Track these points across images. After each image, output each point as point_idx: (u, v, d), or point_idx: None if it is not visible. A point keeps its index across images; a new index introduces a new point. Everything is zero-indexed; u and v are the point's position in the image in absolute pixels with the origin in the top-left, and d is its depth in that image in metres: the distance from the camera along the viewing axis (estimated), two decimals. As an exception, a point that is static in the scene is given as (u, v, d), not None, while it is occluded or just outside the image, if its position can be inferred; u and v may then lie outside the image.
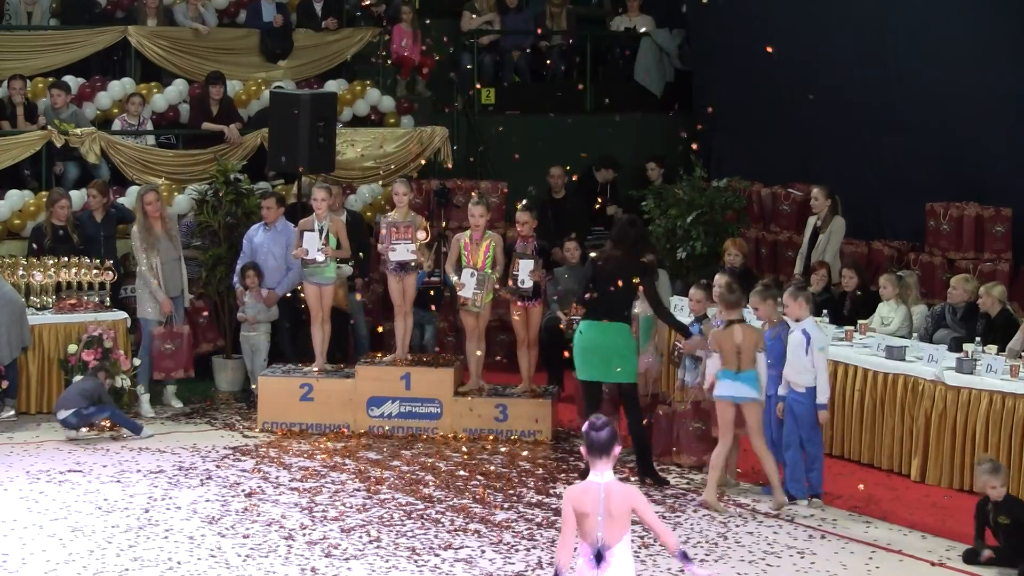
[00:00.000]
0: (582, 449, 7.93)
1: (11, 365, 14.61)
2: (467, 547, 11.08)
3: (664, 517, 11.91)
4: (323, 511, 11.92)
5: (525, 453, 13.82)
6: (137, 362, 15.27)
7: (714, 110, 19.77)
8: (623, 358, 12.79)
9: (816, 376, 12.17)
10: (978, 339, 13.21)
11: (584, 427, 7.79)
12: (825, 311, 14.54)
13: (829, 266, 15.74)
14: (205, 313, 16.32)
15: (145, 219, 15.19)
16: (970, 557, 10.91)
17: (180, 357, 15.27)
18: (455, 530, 11.47)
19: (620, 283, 12.63)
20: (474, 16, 20.85)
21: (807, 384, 12.17)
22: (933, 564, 10.96)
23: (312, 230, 14.70)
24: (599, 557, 7.68)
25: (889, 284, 14.69)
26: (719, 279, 12.98)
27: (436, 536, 11.32)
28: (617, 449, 7.72)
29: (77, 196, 17.04)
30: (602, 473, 7.65)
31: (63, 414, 14.10)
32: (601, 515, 7.64)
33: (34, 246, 16.02)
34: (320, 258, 14.68)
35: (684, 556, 7.82)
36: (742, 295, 12.45)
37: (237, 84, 19.02)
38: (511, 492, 12.53)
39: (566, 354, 14.79)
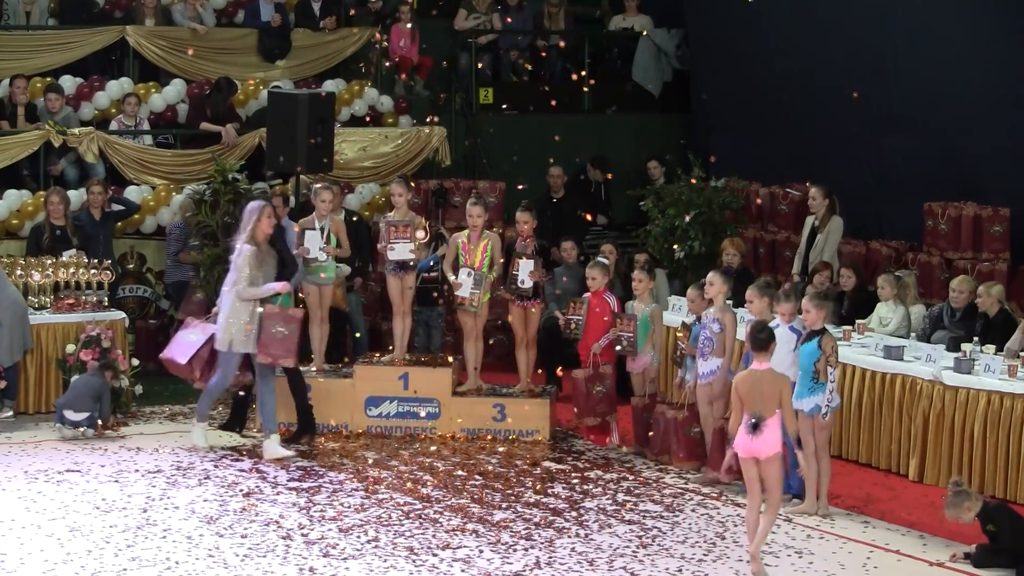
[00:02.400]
0: (747, 345, 10.86)
1: (11, 366, 14.59)
2: (465, 547, 11.08)
3: (662, 517, 11.93)
4: (321, 511, 11.92)
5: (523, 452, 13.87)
6: (136, 362, 15.25)
7: (706, 104, 19.79)
8: None
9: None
10: (976, 339, 13.21)
11: (748, 330, 10.95)
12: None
13: (831, 267, 15.73)
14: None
15: (258, 232, 13.63)
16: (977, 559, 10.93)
17: (290, 344, 13.58)
18: (453, 530, 11.47)
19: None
20: (469, 16, 20.85)
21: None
22: (931, 564, 10.96)
23: (313, 229, 14.72)
24: (755, 426, 10.36)
25: (888, 284, 14.69)
26: (712, 277, 12.96)
27: (434, 536, 11.32)
28: (773, 346, 10.63)
29: (76, 196, 17.06)
30: (761, 364, 10.54)
31: (77, 416, 14.07)
32: (758, 395, 10.39)
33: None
34: (322, 257, 14.69)
35: (798, 443, 10.97)
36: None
37: (233, 80, 18.98)
38: (509, 492, 12.53)
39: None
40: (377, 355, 15.18)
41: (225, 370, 13.70)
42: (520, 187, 17.88)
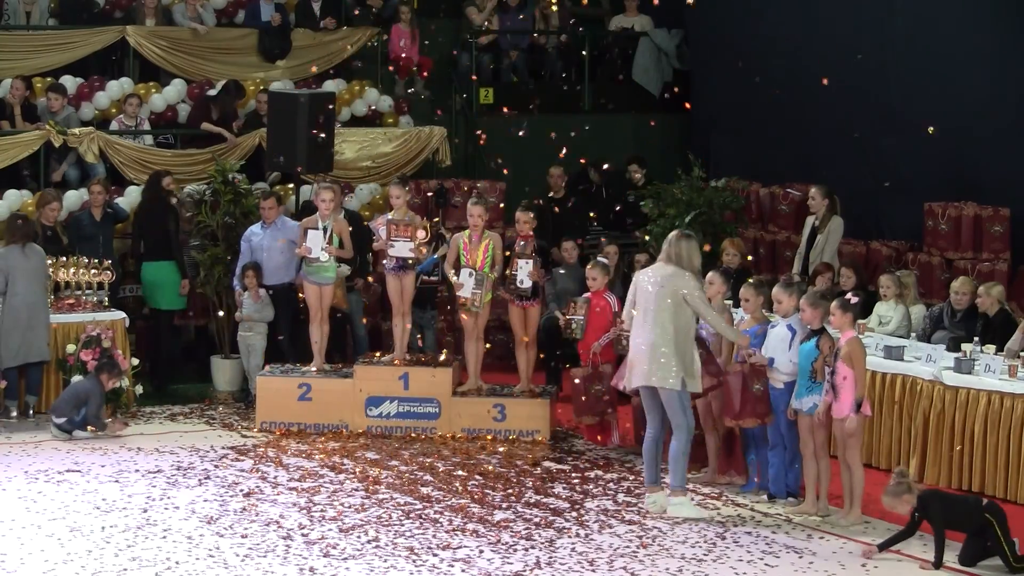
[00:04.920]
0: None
1: (16, 369, 14.57)
2: (465, 547, 11.08)
3: (662, 517, 11.92)
4: (321, 511, 11.92)
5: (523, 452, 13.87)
6: (136, 362, 15.24)
7: (712, 110, 19.77)
8: (173, 288, 16.18)
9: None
10: (976, 339, 13.21)
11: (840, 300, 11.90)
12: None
13: (833, 268, 15.71)
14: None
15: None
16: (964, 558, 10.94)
17: (767, 399, 12.29)
18: (453, 530, 11.47)
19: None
20: (479, 13, 20.87)
21: (785, 380, 12.11)
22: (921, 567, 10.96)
23: (316, 228, 14.74)
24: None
25: (891, 284, 14.67)
26: (711, 276, 12.96)
27: (434, 536, 11.32)
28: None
29: (76, 196, 17.08)
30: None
31: (57, 420, 14.12)
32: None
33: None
34: (323, 257, 14.72)
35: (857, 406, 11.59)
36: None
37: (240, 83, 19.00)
38: (509, 492, 12.53)
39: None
40: (377, 355, 15.18)
41: (688, 415, 11.96)
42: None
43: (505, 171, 18.53)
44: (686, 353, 11.84)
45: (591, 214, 18.34)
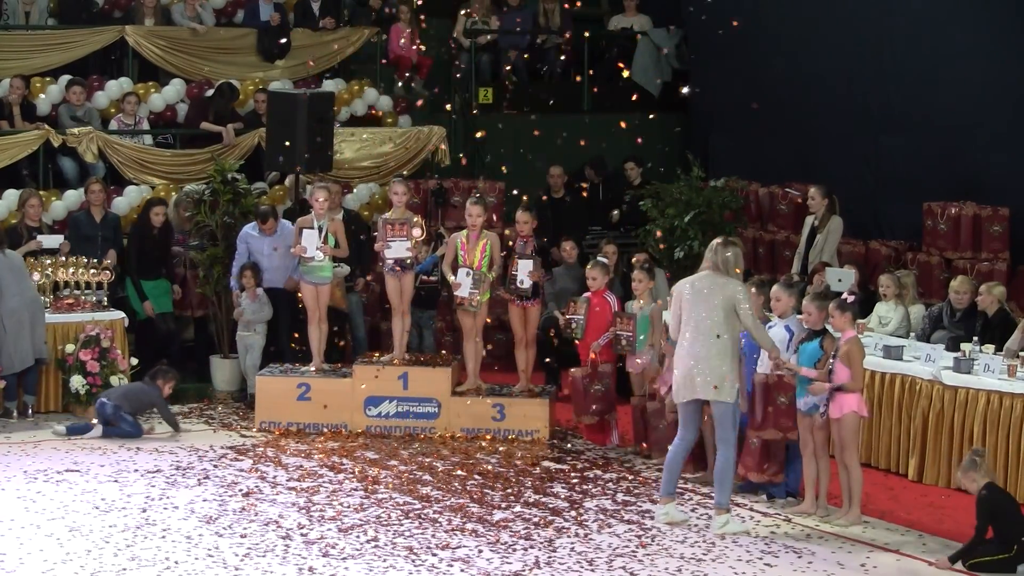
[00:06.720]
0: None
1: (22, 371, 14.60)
2: (464, 547, 11.08)
3: (654, 516, 11.93)
4: (320, 511, 11.92)
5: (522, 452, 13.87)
6: (135, 362, 15.24)
7: (706, 104, 19.78)
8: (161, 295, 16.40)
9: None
10: (975, 338, 13.21)
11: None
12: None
13: (832, 267, 15.72)
14: None
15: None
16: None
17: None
18: (452, 530, 11.47)
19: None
20: (468, 22, 20.85)
21: None
22: (930, 564, 10.95)
23: (311, 228, 14.74)
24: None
25: (892, 284, 14.66)
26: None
27: (433, 536, 11.32)
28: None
29: (76, 195, 17.08)
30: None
31: (103, 399, 14.11)
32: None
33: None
34: (319, 257, 14.71)
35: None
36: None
37: (235, 84, 18.99)
38: (508, 492, 12.53)
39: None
40: (377, 355, 15.18)
41: (734, 433, 11.62)
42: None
43: (504, 169, 18.54)
44: (736, 365, 11.52)
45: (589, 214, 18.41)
